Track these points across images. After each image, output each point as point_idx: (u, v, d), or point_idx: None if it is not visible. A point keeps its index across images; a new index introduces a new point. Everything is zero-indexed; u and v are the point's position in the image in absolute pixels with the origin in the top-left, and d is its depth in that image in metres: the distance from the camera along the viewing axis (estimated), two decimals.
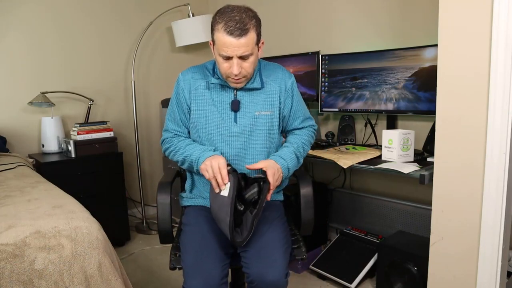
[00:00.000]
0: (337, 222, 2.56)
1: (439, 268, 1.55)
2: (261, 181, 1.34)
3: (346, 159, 1.92)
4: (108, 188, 2.59)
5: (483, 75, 1.35)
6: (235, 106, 1.44)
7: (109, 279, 1.24)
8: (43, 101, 2.56)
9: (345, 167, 1.90)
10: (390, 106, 2.16)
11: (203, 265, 1.28)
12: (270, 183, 1.33)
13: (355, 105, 2.30)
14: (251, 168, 1.39)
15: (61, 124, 2.68)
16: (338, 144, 2.37)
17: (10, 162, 2.14)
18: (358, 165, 1.89)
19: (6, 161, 2.16)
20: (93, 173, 2.53)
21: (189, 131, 1.53)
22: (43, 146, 2.64)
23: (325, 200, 2.52)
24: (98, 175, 2.55)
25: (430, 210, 1.55)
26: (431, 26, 1.94)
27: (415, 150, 1.96)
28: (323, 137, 2.56)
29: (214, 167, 1.32)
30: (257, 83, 1.46)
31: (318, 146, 2.29)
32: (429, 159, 1.87)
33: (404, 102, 2.10)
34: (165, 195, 1.47)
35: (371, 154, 2.00)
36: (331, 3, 2.56)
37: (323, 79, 2.42)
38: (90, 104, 2.82)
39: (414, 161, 1.89)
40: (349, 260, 2.16)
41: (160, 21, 3.12)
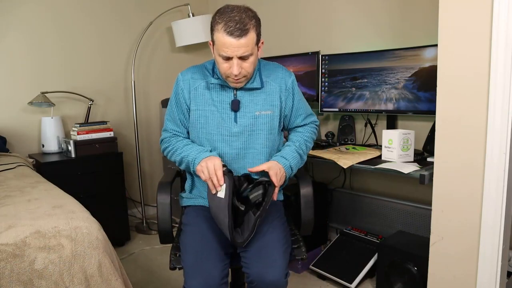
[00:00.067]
0: (337, 222, 2.56)
1: (439, 268, 1.55)
2: (266, 184, 1.34)
3: (346, 159, 1.92)
4: (108, 188, 2.59)
5: (483, 75, 1.35)
6: (235, 106, 1.44)
7: (109, 279, 1.24)
8: (43, 101, 2.56)
9: (345, 167, 1.90)
10: (390, 106, 2.16)
11: (203, 265, 1.28)
12: (275, 183, 1.33)
13: (355, 105, 2.30)
14: (253, 171, 1.39)
15: (61, 124, 2.69)
16: (338, 144, 2.37)
17: (10, 162, 2.14)
18: (358, 165, 1.89)
19: (6, 161, 2.16)
20: (93, 173, 2.53)
21: (188, 131, 1.53)
22: (43, 146, 2.64)
23: (325, 200, 2.52)
24: (98, 175, 2.55)
25: (430, 210, 1.55)
26: (431, 26, 1.94)
27: (415, 150, 1.96)
28: (323, 137, 2.56)
29: (210, 168, 1.32)
30: (257, 83, 1.45)
31: (318, 146, 2.30)
32: (429, 159, 1.86)
33: (404, 102, 2.10)
34: (165, 195, 1.47)
35: (371, 154, 2.00)
36: (331, 3, 2.56)
37: (323, 79, 2.42)
38: (90, 104, 2.82)
39: (414, 161, 1.89)
40: (349, 260, 2.16)
41: (160, 21, 3.12)
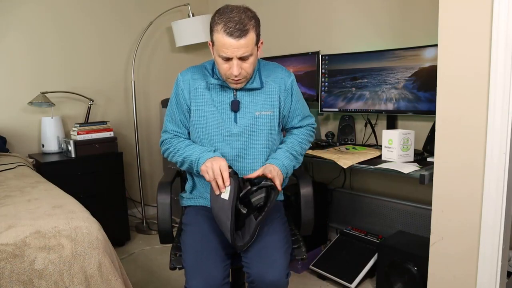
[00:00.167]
0: (337, 222, 2.56)
1: (439, 268, 1.55)
2: (269, 188, 1.32)
3: (346, 159, 1.92)
4: (108, 188, 2.59)
5: (483, 75, 1.35)
6: (235, 107, 1.44)
7: (109, 279, 1.24)
8: (43, 101, 2.56)
9: (345, 167, 1.90)
10: (390, 106, 2.16)
11: (204, 265, 1.28)
12: (276, 184, 1.33)
13: (355, 105, 2.30)
14: (250, 178, 1.37)
15: (61, 124, 2.69)
16: (338, 144, 2.37)
17: (10, 162, 2.14)
18: (358, 165, 1.89)
19: (6, 161, 2.16)
20: (93, 173, 2.53)
21: (189, 132, 1.52)
22: (43, 146, 2.64)
23: (325, 200, 2.52)
24: (98, 175, 2.55)
25: (430, 210, 1.55)
26: (431, 26, 1.94)
27: (415, 150, 1.96)
28: (323, 137, 2.55)
29: (215, 169, 1.31)
30: (257, 83, 1.45)
31: (318, 146, 2.29)
32: (429, 159, 1.86)
33: (404, 102, 2.10)
34: (165, 195, 1.47)
35: (371, 154, 2.00)
36: (331, 3, 2.56)
37: (323, 79, 2.42)
38: (90, 104, 2.82)
39: (414, 161, 1.89)
40: (349, 260, 2.16)
41: (160, 21, 3.12)
